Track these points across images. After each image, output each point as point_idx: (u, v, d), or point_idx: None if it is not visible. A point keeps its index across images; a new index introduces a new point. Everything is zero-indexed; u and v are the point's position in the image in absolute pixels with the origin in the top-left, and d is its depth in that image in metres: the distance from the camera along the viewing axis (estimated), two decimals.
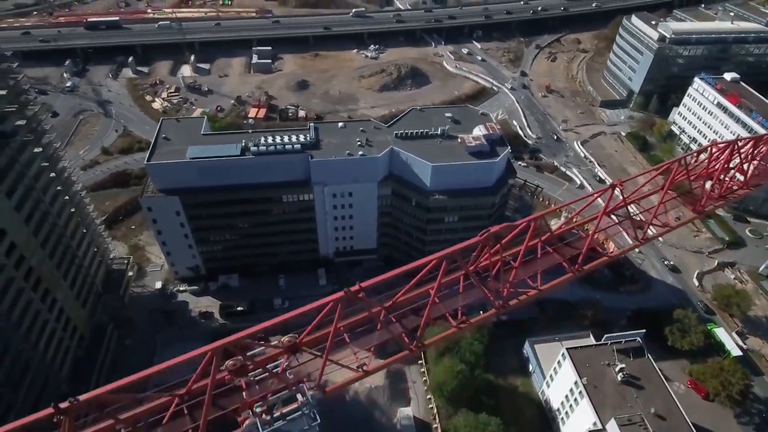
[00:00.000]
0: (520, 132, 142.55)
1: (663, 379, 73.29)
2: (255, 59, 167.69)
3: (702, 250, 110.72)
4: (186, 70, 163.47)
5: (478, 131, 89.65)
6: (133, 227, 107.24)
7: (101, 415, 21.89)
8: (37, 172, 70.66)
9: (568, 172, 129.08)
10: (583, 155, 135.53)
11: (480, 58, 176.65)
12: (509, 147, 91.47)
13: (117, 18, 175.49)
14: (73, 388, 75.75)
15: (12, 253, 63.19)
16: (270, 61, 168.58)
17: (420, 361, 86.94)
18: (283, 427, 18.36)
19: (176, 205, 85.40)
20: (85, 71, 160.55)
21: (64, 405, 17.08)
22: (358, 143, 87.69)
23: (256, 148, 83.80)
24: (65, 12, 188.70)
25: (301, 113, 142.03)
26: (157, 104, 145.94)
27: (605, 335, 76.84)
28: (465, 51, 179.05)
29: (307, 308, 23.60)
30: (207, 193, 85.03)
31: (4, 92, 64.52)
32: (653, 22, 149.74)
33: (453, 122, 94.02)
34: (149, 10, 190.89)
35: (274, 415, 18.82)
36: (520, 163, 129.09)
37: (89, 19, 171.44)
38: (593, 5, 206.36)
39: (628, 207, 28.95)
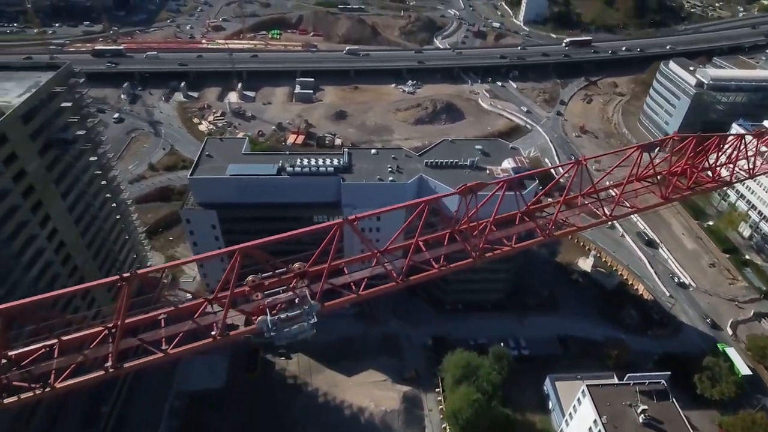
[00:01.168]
0: (553, 171, 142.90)
1: (688, 425, 70.65)
2: (297, 89, 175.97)
3: (737, 299, 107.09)
4: (233, 97, 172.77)
5: (507, 164, 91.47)
6: (171, 239, 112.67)
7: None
8: (90, 179, 76.48)
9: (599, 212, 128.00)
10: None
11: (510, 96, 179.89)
12: (537, 180, 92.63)
13: (122, 47, 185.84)
14: (103, 386, 79.15)
15: (60, 250, 68.21)
16: (311, 91, 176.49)
17: (437, 390, 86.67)
18: (287, 326, 21.30)
19: (213, 218, 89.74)
20: (140, 94, 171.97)
21: (125, 275, 20.17)
22: (389, 169, 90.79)
23: (291, 168, 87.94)
24: (127, 39, 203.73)
25: (338, 141, 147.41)
26: (203, 126, 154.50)
27: (628, 374, 75.10)
28: (500, 86, 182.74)
29: (313, 228, 26.03)
30: (242, 209, 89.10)
31: (69, 104, 70.97)
32: (692, 68, 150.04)
33: (483, 154, 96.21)
34: (203, 41, 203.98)
35: (281, 317, 21.32)
36: (549, 199, 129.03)
37: (96, 47, 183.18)
38: (637, 50, 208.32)
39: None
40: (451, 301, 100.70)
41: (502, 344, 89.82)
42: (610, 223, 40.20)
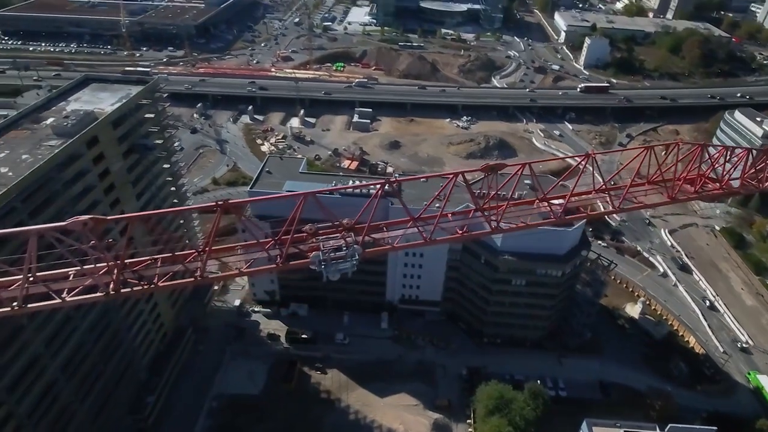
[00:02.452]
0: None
1: None
2: (356, 118, 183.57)
3: None
4: (295, 122, 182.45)
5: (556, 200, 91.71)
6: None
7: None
8: (162, 184, 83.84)
9: (651, 259, 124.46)
10: (669, 244, 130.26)
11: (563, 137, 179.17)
12: (585, 219, 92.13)
13: (148, 70, 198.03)
14: (149, 377, 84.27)
15: (131, 241, 74.66)
16: (369, 121, 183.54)
17: (468, 421, 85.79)
18: (334, 263, 24.43)
19: (267, 230, 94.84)
20: (211, 114, 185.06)
21: (219, 202, 23.93)
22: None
23: (344, 189, 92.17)
24: (205, 65, 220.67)
25: (390, 169, 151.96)
26: (265, 147, 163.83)
27: (670, 424, 71.83)
28: (556, 133, 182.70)
29: (366, 184, 29.23)
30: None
31: (152, 115, 79.04)
32: (758, 119, 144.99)
33: (531, 189, 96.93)
34: (273, 69, 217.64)
35: (330, 254, 24.14)
36: (599, 242, 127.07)
37: (126, 68, 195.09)
38: (702, 99, 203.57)
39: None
40: (490, 334, 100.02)
41: (539, 382, 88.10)
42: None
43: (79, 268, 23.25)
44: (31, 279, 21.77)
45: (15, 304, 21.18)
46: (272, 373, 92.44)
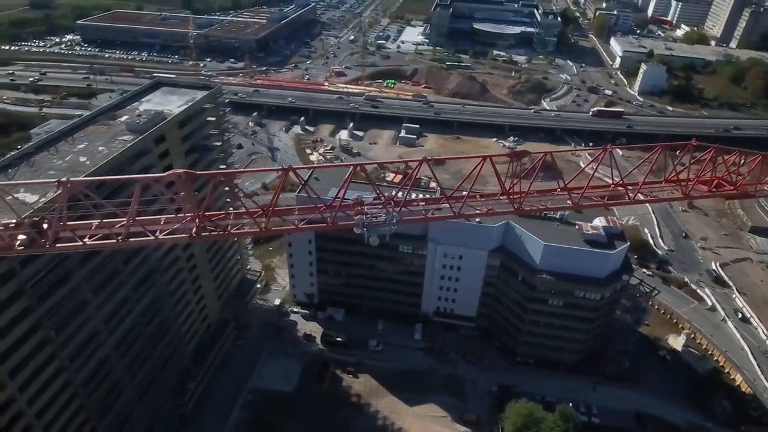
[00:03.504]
0: (651, 241, 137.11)
1: None
2: (402, 133, 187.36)
3: None
4: (343, 134, 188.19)
5: (599, 222, 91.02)
6: (271, 249, 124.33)
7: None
8: (216, 183, 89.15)
9: (699, 291, 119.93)
10: (720, 278, 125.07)
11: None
12: (628, 242, 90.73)
13: (174, 75, 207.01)
14: (192, 365, 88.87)
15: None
16: (415, 137, 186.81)
17: None
18: (375, 227, 26.79)
19: (310, 234, 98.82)
20: (265, 123, 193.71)
21: (285, 167, 26.64)
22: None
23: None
24: (262, 77, 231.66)
25: (432, 184, 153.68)
26: (313, 157, 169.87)
27: None
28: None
29: (403, 160, 32.20)
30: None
31: (213, 118, 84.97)
32: None
33: (574, 210, 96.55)
34: (326, 84, 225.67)
35: (373, 220, 26.46)
36: (644, 270, 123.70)
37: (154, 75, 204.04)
38: (764, 130, 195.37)
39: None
40: (524, 354, 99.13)
41: (570, 405, 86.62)
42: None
43: (172, 215, 26.89)
44: (132, 221, 25.38)
45: (120, 238, 24.79)
46: (306, 373, 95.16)
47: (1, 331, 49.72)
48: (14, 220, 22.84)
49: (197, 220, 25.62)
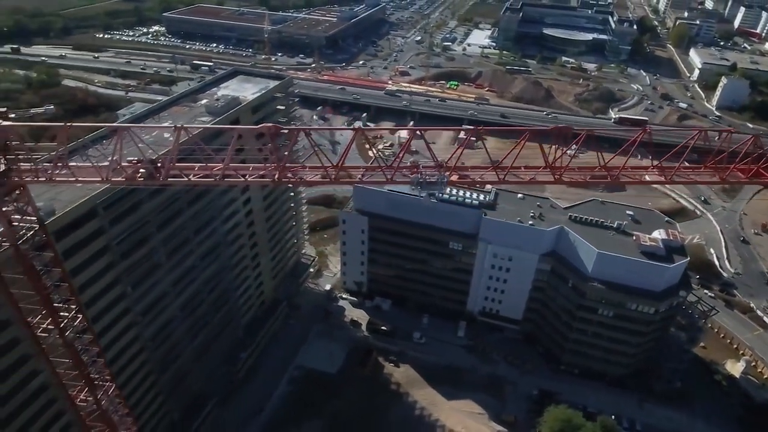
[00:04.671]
0: (716, 262, 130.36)
1: None
2: (462, 134, 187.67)
3: None
4: (403, 133, 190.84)
5: (658, 234, 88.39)
6: (325, 236, 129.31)
7: None
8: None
9: (765, 318, 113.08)
10: None
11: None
12: (688, 258, 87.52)
13: (212, 63, 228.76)
14: (245, 336, 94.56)
15: (248, 216, 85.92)
16: (474, 139, 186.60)
17: None
18: (428, 186, 29.04)
19: (364, 224, 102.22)
20: (329, 117, 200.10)
21: (357, 126, 29.54)
22: (531, 214, 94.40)
23: (440, 195, 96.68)
24: (329, 73, 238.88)
25: (488, 186, 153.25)
26: (371, 153, 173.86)
27: None
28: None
29: (456, 128, 34.40)
30: (390, 221, 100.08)
31: (283, 107, 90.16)
32: None
33: (633, 221, 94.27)
34: (390, 82, 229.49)
35: (426, 179, 28.56)
36: (706, 291, 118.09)
37: (194, 61, 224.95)
38: None
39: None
40: (568, 362, 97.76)
41: (613, 418, 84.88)
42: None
43: (260, 164, 30.68)
44: (227, 165, 29.40)
45: (217, 178, 28.96)
46: (350, 357, 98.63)
47: (89, 280, 55.86)
48: (137, 158, 27.35)
49: (279, 168, 29.27)
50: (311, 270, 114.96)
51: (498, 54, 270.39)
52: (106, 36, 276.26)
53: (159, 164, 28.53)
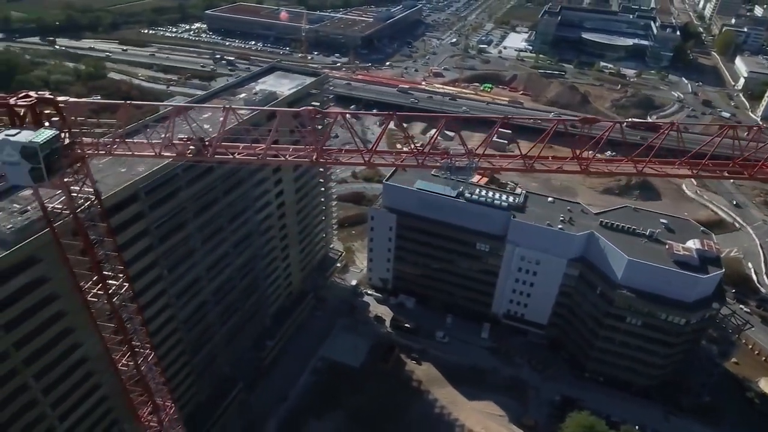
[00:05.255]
0: (754, 277, 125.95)
1: None
2: (494, 138, 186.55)
3: None
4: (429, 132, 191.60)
5: (692, 244, 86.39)
6: (354, 232, 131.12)
7: None
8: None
9: None
10: None
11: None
12: (723, 270, 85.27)
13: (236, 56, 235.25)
14: (272, 325, 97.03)
15: (280, 208, 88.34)
16: (506, 142, 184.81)
17: None
18: (457, 170, 29.96)
19: (392, 221, 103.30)
20: (362, 117, 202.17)
21: (390, 113, 30.82)
22: (561, 218, 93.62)
23: (469, 195, 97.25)
24: (363, 72, 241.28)
25: (518, 190, 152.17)
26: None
27: None
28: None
29: (487, 116, 34.58)
30: (418, 220, 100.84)
31: (318, 103, 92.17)
32: None
33: (666, 230, 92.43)
34: (423, 83, 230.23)
35: (456, 164, 29.49)
36: (741, 306, 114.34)
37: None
38: None
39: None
40: (593, 370, 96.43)
41: (637, 428, 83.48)
42: None
43: (300, 146, 32.29)
44: (270, 145, 31.18)
45: (260, 156, 30.76)
46: (372, 352, 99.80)
47: (130, 260, 58.68)
48: (187, 136, 29.40)
49: (317, 149, 30.84)
50: (338, 264, 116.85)
51: (534, 57, 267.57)
52: (150, 32, 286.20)
53: (207, 142, 30.46)
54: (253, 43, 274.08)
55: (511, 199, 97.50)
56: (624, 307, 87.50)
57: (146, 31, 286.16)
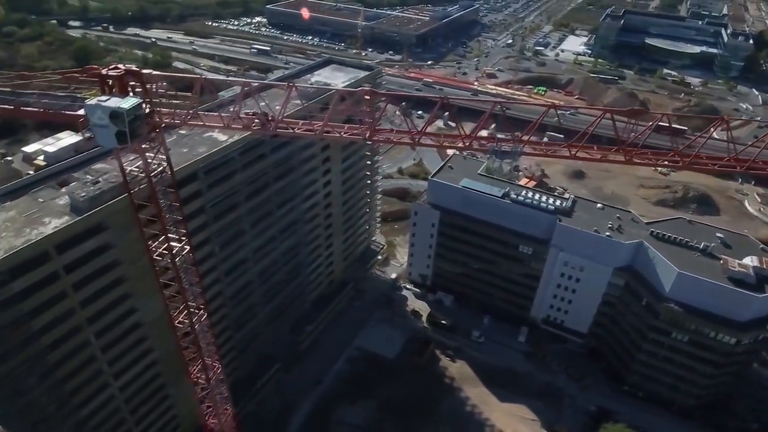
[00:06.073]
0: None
1: None
2: (545, 140, 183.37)
3: None
4: (483, 133, 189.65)
5: (749, 261, 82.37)
6: (396, 227, 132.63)
7: None
8: (362, 156, 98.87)
9: None
10: None
11: None
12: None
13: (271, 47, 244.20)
14: (311, 311, 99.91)
15: (327, 197, 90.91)
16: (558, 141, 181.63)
17: None
18: (502, 153, 30.80)
19: (435, 218, 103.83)
20: (412, 112, 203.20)
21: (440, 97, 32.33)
22: (609, 226, 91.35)
23: (515, 196, 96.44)
24: (416, 71, 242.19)
25: (567, 194, 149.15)
26: (450, 151, 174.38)
27: None
28: None
29: (534, 103, 34.97)
30: (461, 218, 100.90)
31: (368, 98, 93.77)
32: None
33: (722, 245, 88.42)
34: (475, 83, 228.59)
35: (501, 148, 30.28)
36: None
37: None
38: None
39: None
40: (633, 384, 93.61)
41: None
42: None
43: (356, 125, 34.08)
44: (327, 122, 33.09)
45: (317, 132, 32.65)
46: (408, 345, 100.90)
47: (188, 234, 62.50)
48: (253, 111, 31.71)
49: (370, 128, 32.54)
50: (379, 257, 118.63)
51: (593, 62, 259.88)
52: (213, 24, 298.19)
53: (270, 117, 32.62)
54: (310, 38, 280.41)
55: (558, 202, 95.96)
56: (670, 321, 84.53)
57: (210, 23, 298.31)
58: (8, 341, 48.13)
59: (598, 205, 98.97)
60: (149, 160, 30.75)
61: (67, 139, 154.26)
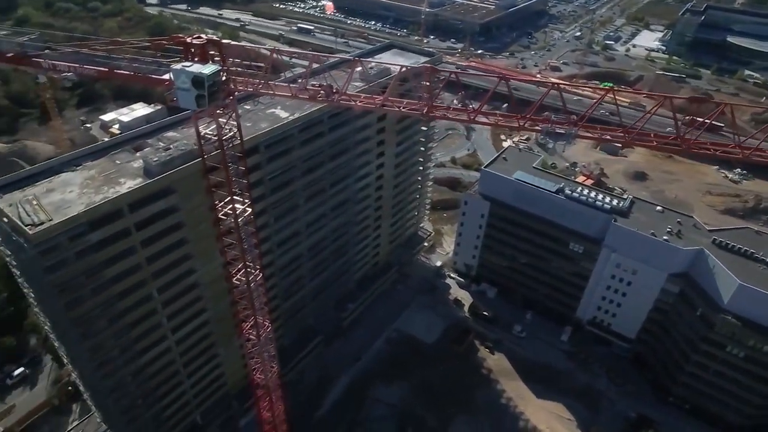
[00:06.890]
0: None
1: None
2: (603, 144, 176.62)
3: None
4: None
5: None
6: (445, 216, 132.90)
7: None
8: (416, 142, 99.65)
9: None
10: None
11: None
12: None
13: (313, 27, 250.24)
14: (355, 289, 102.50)
15: (378, 180, 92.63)
16: (620, 145, 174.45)
17: None
18: (555, 135, 31.27)
19: (485, 209, 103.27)
20: (469, 102, 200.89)
21: (501, 76, 33.39)
22: (668, 230, 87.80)
23: (570, 192, 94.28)
24: (477, 60, 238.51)
25: (624, 196, 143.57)
26: (506, 143, 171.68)
27: None
28: None
29: (589, 86, 34.46)
30: (512, 211, 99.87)
31: (428, 83, 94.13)
32: None
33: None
34: (538, 76, 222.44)
35: (555, 129, 30.71)
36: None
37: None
38: None
39: None
40: (679, 396, 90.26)
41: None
42: None
43: (414, 101, 35.40)
44: (387, 97, 34.59)
45: (377, 105, 34.67)
46: (447, 333, 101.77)
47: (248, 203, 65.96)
48: (319, 82, 33.58)
49: (428, 103, 33.68)
50: (426, 244, 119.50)
51: (666, 59, 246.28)
52: (281, 6, 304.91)
53: (335, 90, 34.34)
54: (373, 23, 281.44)
55: (614, 202, 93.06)
56: (726, 334, 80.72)
57: (278, 5, 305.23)
58: (83, 287, 53.05)
59: (658, 208, 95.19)
60: (222, 126, 33.18)
61: (141, 110, 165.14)
